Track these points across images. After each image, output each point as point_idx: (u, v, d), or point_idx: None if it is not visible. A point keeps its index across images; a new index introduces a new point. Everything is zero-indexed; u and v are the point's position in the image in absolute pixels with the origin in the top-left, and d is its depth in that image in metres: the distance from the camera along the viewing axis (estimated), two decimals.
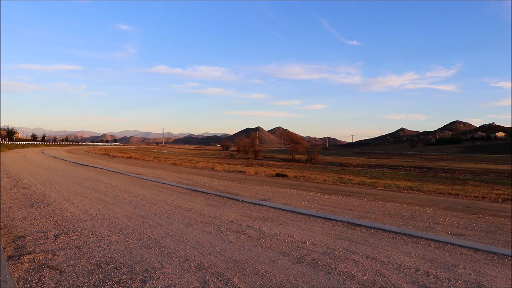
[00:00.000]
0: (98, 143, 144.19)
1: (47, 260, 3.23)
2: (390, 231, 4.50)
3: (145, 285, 2.70)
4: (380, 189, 9.73)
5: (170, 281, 2.77)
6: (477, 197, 8.47)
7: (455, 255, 3.58)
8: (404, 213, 5.78)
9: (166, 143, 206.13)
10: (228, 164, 26.16)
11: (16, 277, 2.85)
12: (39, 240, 3.87)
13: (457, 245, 3.91)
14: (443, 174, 24.25)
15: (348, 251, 3.64)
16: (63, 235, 4.10)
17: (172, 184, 9.31)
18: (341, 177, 15.27)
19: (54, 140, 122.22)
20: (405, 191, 9.36)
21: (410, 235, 4.31)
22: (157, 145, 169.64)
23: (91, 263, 3.17)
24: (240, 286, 2.70)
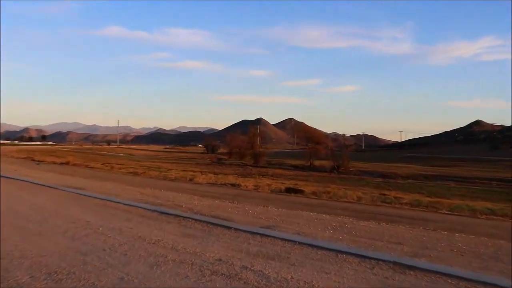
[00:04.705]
0: (16, 142, 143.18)
1: None
2: (462, 278, 4.49)
3: None
4: (444, 213, 9.80)
5: None
6: None
7: None
8: (483, 251, 5.78)
9: (122, 141, 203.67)
10: (215, 173, 26.36)
11: None
12: None
13: None
14: None
15: None
16: None
17: (130, 204, 9.36)
18: (383, 194, 15.45)
19: None
20: (484, 217, 9.40)
21: (494, 285, 4.30)
22: (109, 144, 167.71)
23: None
24: None
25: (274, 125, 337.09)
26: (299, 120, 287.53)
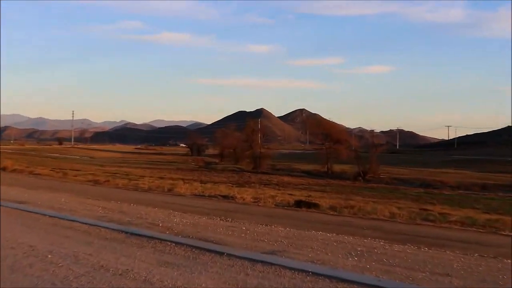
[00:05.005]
0: None
1: None
2: None
3: None
4: (507, 235, 9.81)
5: None
6: None
7: None
8: None
9: (79, 140, 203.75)
10: (202, 182, 27.34)
11: None
12: None
13: None
14: None
15: None
16: None
17: (89, 223, 9.24)
18: (425, 210, 15.68)
19: None
20: None
21: None
22: (60, 144, 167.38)
23: None
24: None
25: (279, 118, 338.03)
26: (313, 112, 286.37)
